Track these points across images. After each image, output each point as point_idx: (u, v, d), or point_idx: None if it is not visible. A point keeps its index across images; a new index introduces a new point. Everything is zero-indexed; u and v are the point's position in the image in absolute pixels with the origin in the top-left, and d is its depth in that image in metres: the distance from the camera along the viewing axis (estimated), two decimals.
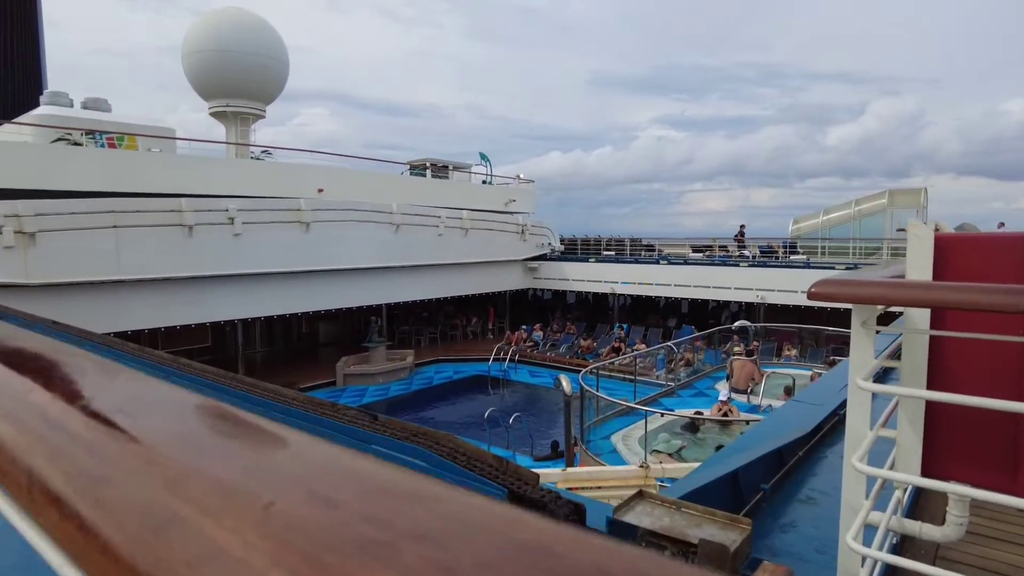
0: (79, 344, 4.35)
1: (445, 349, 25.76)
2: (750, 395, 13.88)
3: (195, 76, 22.97)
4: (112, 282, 15.26)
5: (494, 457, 2.34)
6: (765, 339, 19.98)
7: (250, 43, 22.47)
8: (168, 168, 17.89)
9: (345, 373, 20.52)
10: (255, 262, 17.96)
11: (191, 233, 16.46)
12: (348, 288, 20.96)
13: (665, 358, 16.40)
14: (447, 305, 28.88)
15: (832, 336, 19.40)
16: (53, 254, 14.23)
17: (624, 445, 10.26)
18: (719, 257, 26.63)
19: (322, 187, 20.96)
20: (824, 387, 4.44)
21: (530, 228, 28.56)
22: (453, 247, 24.53)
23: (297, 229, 18.99)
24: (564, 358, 23.07)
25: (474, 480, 2.12)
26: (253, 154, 23.41)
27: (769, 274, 22.83)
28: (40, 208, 14.05)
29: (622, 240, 30.85)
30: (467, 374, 22.41)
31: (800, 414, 3.73)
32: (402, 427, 2.61)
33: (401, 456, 2.32)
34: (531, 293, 32.00)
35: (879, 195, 25.84)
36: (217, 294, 17.47)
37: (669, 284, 25.01)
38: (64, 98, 20.32)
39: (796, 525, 2.55)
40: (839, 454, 3.36)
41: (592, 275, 27.26)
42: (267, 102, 24.60)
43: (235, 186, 18.79)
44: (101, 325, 14.71)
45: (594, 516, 2.07)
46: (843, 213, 26.75)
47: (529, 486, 2.15)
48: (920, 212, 24.83)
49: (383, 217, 21.64)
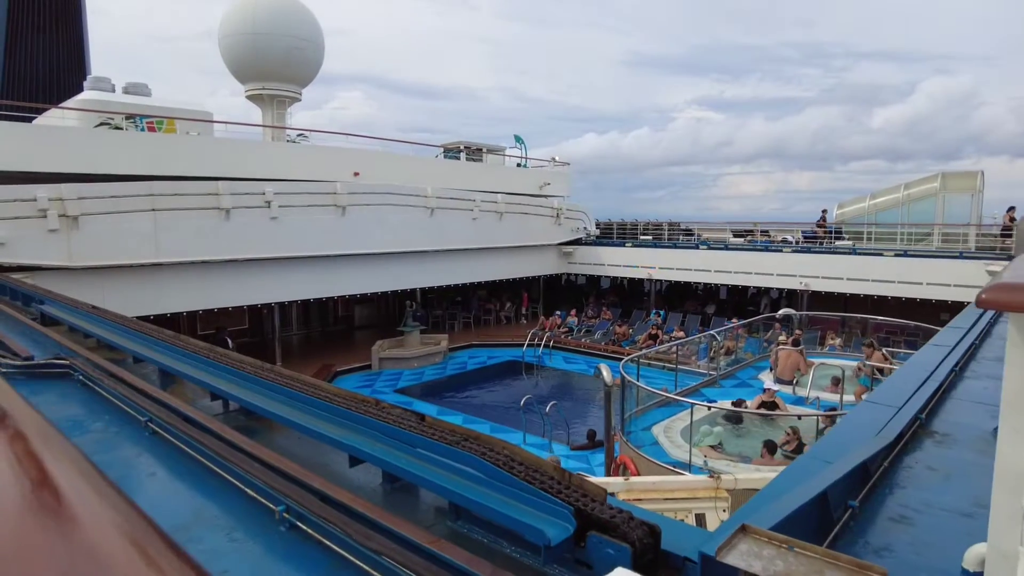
0: (115, 330, 4.21)
1: (479, 334, 25.64)
2: (796, 386, 13.39)
3: (231, 59, 23.00)
4: (151, 265, 15.41)
5: (556, 468, 2.05)
6: (808, 327, 19.33)
7: (285, 25, 22.37)
8: (205, 151, 17.96)
9: (380, 357, 20.54)
10: (291, 245, 17.99)
11: (228, 216, 16.53)
12: (383, 272, 20.93)
13: (707, 347, 15.94)
14: (480, 289, 28.72)
15: (879, 325, 18.72)
16: (95, 237, 14.41)
17: (666, 437, 9.94)
18: (761, 243, 25.88)
19: (358, 171, 20.86)
20: (899, 386, 4.09)
21: (565, 212, 28.12)
22: (487, 231, 24.28)
23: (333, 213, 18.95)
24: (599, 345, 22.72)
25: (534, 495, 1.86)
26: (289, 137, 23.41)
27: (813, 260, 22.09)
28: (83, 192, 14.22)
29: (660, 224, 30.21)
30: (501, 359, 22.25)
31: (878, 418, 3.41)
32: (451, 430, 2.35)
33: (451, 463, 2.09)
34: (565, 278, 31.62)
35: (931, 178, 24.64)
36: (254, 277, 17.56)
37: (708, 270, 24.41)
38: (107, 83, 20.52)
39: (892, 549, 2.25)
40: (926, 465, 3.04)
41: (628, 260, 26.77)
42: (303, 85, 24.54)
43: (272, 169, 18.80)
44: (141, 308, 14.91)
45: (671, 539, 1.81)
46: (891, 197, 25.61)
47: (597, 503, 1.87)
48: (976, 196, 23.64)
49: (418, 201, 21.49)
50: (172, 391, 3.64)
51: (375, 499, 2.20)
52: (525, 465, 1.98)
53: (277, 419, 2.77)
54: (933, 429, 3.53)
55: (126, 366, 4.28)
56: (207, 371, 3.51)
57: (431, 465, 2.09)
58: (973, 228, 22.59)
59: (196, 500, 2.36)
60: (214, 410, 3.33)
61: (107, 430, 3.20)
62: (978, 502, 2.64)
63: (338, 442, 2.39)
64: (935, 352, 5.06)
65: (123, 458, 2.83)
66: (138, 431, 3.10)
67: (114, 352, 4.71)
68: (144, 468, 2.71)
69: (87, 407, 3.61)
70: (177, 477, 2.59)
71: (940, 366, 4.60)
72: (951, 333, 6.04)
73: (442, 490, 1.98)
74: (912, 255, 20.53)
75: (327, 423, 2.55)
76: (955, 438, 3.41)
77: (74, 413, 3.50)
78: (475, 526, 1.98)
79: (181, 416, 3.00)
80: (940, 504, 2.59)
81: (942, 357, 4.90)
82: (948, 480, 2.86)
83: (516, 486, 1.86)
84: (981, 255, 19.52)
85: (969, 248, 21.27)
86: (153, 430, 3.03)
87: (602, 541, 1.67)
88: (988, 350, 5.93)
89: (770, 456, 9.30)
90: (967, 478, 2.89)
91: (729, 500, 4.96)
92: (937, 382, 4.18)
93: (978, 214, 23.35)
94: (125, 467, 2.73)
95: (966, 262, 19.12)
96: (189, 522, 2.18)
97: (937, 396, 4.05)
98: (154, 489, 2.53)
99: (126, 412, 3.36)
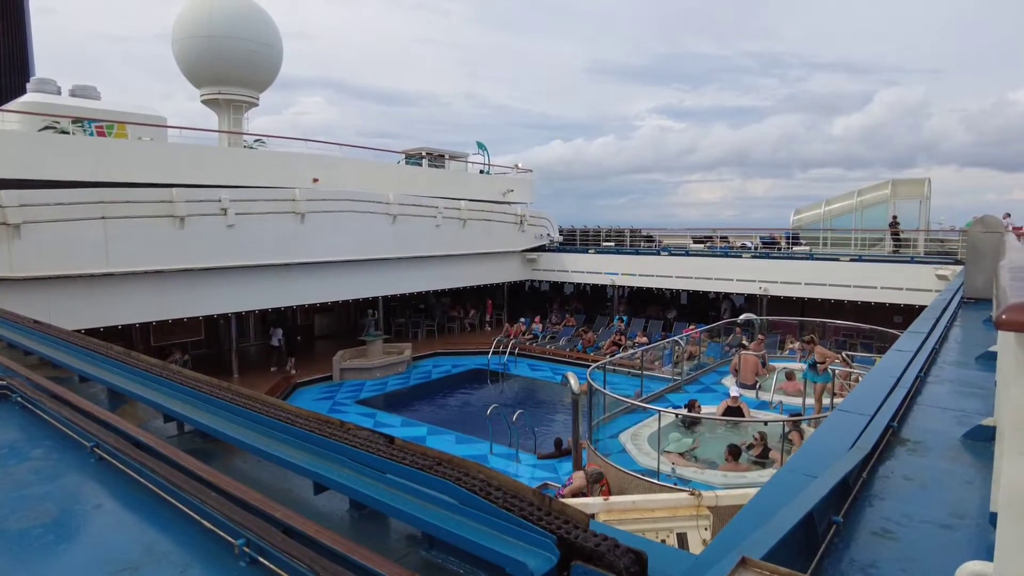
0: (59, 346, 3.94)
1: (443, 342, 25.43)
2: (758, 390, 13.58)
3: (186, 62, 22.41)
4: (101, 275, 14.81)
5: (535, 493, 1.92)
6: (769, 332, 19.70)
7: (242, 29, 21.91)
8: (158, 157, 17.39)
9: (342, 367, 20.16)
10: (249, 254, 17.54)
11: (183, 224, 16.01)
12: (345, 280, 20.57)
13: (671, 352, 16.07)
14: (444, 297, 28.52)
15: (836, 328, 19.20)
16: (39, 246, 13.79)
17: (633, 445, 9.93)
18: (721, 248, 26.32)
19: (318, 177, 20.49)
20: (870, 393, 4.10)
21: (528, 218, 28.16)
22: (450, 238, 24.12)
23: (292, 220, 18.55)
24: (564, 352, 22.74)
25: (513, 523, 1.73)
26: (246, 143, 22.88)
27: (772, 265, 22.55)
28: (25, 199, 13.59)
29: (622, 231, 30.49)
30: (466, 368, 22.08)
31: (852, 427, 3.40)
32: (423, 453, 2.20)
33: (423, 489, 1.96)
34: (529, 284, 31.64)
35: (882, 185, 25.47)
36: (210, 286, 17.05)
37: (670, 276, 24.71)
38: (51, 85, 19.77)
39: (879, 567, 2.21)
40: (902, 475, 3.03)
41: (592, 266, 26.92)
42: (260, 90, 24.05)
43: (228, 176, 18.33)
44: (90, 320, 14.33)
45: (658, 565, 1.73)
46: (845, 204, 26.37)
47: (580, 530, 1.75)
48: (923, 203, 24.52)
49: (380, 208, 21.21)
50: (121, 412, 3.41)
51: (342, 529, 2.06)
52: (503, 490, 1.86)
53: (236, 443, 2.60)
54: (905, 437, 3.54)
55: (71, 385, 4.02)
56: (160, 390, 3.30)
57: (402, 492, 1.96)
58: (922, 233, 23.40)
59: (147, 534, 2.19)
60: (167, 433, 3.12)
61: (48, 457, 2.98)
62: (955, 512, 2.63)
63: (302, 468, 2.24)
64: (899, 358, 5.13)
65: (66, 488, 2.62)
66: (83, 457, 2.89)
67: (58, 370, 4.43)
68: (90, 499, 2.51)
69: (26, 432, 3.36)
70: (126, 508, 2.40)
71: (906, 372, 4.65)
72: (911, 338, 6.14)
73: (414, 519, 1.85)
74: (867, 260, 21.12)
75: (290, 447, 2.39)
76: (927, 446, 3.43)
77: (12, 439, 3.25)
78: (451, 556, 1.86)
79: (131, 440, 2.80)
80: (920, 516, 2.57)
81: (906, 363, 4.96)
82: (925, 490, 2.85)
83: (494, 513, 1.74)
84: (932, 259, 20.17)
85: (919, 253, 21.99)
86: (100, 456, 2.82)
87: (588, 572, 1.57)
88: (947, 354, 6.05)
89: (735, 461, 9.37)
90: (942, 488, 2.89)
91: (711, 518, 4.92)
92: (905, 389, 4.22)
93: (926, 219, 24.21)
94: (68, 498, 2.53)
95: (918, 266, 19.75)
96: (139, 558, 2.01)
97: (906, 403, 4.08)
98: (100, 522, 2.34)
99: (70, 436, 3.14)
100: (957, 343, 6.87)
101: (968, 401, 4.38)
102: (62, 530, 2.27)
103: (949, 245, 22.45)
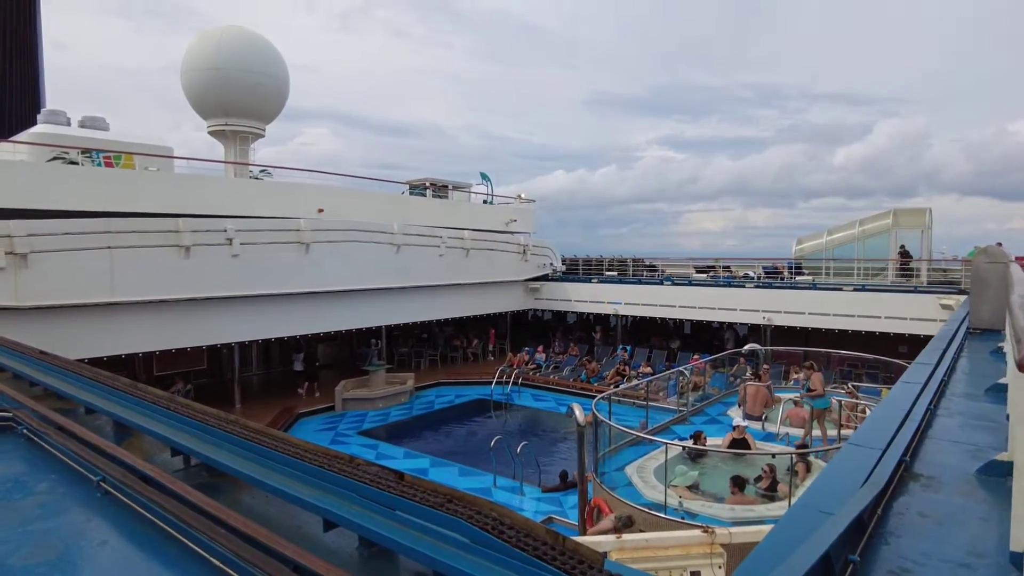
0: (65, 378, 3.93)
1: (446, 372, 25.32)
2: (765, 421, 13.46)
3: (193, 94, 22.77)
4: (106, 304, 14.85)
5: (548, 531, 1.89)
6: (773, 362, 19.59)
7: (249, 61, 22.29)
8: (165, 187, 17.56)
9: (344, 398, 20.05)
10: (253, 283, 17.59)
11: (188, 254, 16.10)
12: (349, 309, 20.59)
13: (676, 383, 15.98)
14: (447, 326, 28.48)
15: (841, 358, 19.09)
16: (45, 275, 13.85)
17: (639, 478, 9.80)
18: (723, 278, 26.32)
19: (322, 207, 20.64)
20: (880, 426, 4.06)
21: (531, 248, 28.27)
22: (454, 268, 24.20)
23: (296, 250, 18.64)
24: (568, 382, 22.62)
25: (526, 563, 1.70)
26: (252, 173, 23.11)
27: (775, 295, 22.52)
28: (32, 228, 13.70)
29: (624, 260, 30.55)
30: (469, 398, 21.95)
31: (864, 461, 3.36)
32: (433, 489, 2.17)
33: (433, 527, 1.93)
34: (531, 314, 31.62)
35: (883, 215, 25.53)
36: (214, 316, 17.07)
37: (673, 305, 24.67)
38: (61, 116, 20.05)
39: None
40: (917, 511, 2.98)
41: (595, 295, 26.92)
42: (266, 121, 24.37)
43: (234, 206, 18.47)
44: (94, 349, 14.32)
45: None
46: (847, 233, 26.40)
47: (595, 570, 1.72)
48: (925, 232, 24.55)
49: (384, 237, 21.33)
50: (128, 445, 3.39)
51: (352, 567, 2.03)
52: (515, 528, 1.84)
53: (244, 477, 2.58)
54: (918, 472, 3.50)
55: (77, 418, 4.00)
56: (167, 423, 3.29)
57: (412, 529, 1.94)
58: (924, 263, 23.39)
59: (154, 571, 2.16)
60: (174, 466, 3.10)
61: (54, 491, 2.95)
62: (974, 551, 2.59)
63: (311, 504, 2.22)
64: (908, 390, 5.09)
65: (72, 523, 2.59)
66: (89, 491, 2.86)
67: (64, 402, 4.42)
68: (95, 535, 2.48)
69: (31, 465, 3.33)
70: (133, 544, 2.37)
71: (916, 405, 4.61)
72: (919, 370, 6.10)
73: (424, 557, 1.83)
74: (870, 289, 21.08)
75: (298, 483, 2.37)
76: (940, 480, 3.38)
77: (17, 472, 3.22)
78: None
79: (138, 474, 2.78)
80: (938, 554, 2.53)
81: (915, 395, 4.92)
82: (941, 527, 2.80)
83: (506, 552, 1.72)
84: (935, 289, 20.13)
85: (922, 282, 21.95)
86: (106, 490, 2.80)
87: None
88: (956, 386, 6.01)
89: (741, 493, 9.24)
90: (959, 525, 2.84)
91: (724, 556, 4.83)
92: (915, 422, 4.18)
93: (928, 248, 24.22)
94: (74, 534, 2.50)
95: (921, 296, 19.70)
96: None
97: (917, 436, 4.04)
98: (106, 559, 2.31)
99: (76, 470, 3.11)
100: (965, 374, 6.83)
101: (980, 435, 4.33)
102: (67, 567, 2.23)
103: (952, 274, 22.42)
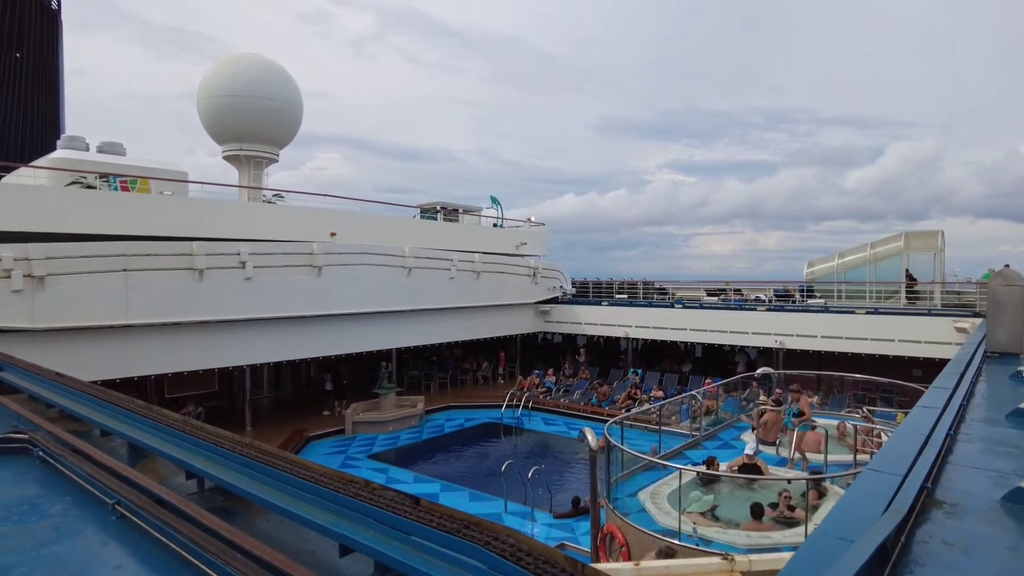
0: (80, 400, 3.95)
1: (455, 394, 25.21)
2: (779, 447, 13.27)
3: (209, 120, 23.15)
4: (120, 327, 14.97)
5: (567, 559, 1.88)
6: (786, 386, 19.37)
7: (264, 88, 22.67)
8: (179, 211, 17.78)
9: (354, 421, 20.00)
10: (266, 306, 17.70)
11: (201, 277, 16.24)
12: (360, 332, 20.64)
13: (689, 408, 15.82)
14: (457, 349, 28.45)
15: (855, 382, 18.87)
16: (61, 298, 14.00)
17: (653, 503, 9.66)
18: (735, 301, 26.19)
19: (335, 231, 20.80)
20: (900, 452, 3.99)
21: (541, 271, 28.30)
22: (464, 290, 24.25)
23: (309, 273, 18.76)
24: (579, 405, 22.45)
25: None
26: (265, 198, 23.37)
27: (787, 318, 22.36)
28: (50, 251, 13.88)
29: (634, 283, 30.49)
30: (479, 421, 21.82)
31: (884, 488, 3.29)
32: (450, 515, 2.15)
33: (450, 553, 1.91)
34: (541, 336, 31.53)
35: (895, 237, 25.41)
36: (227, 339, 17.16)
37: (684, 328, 24.54)
38: (80, 142, 20.41)
39: None
40: (941, 539, 2.92)
41: (605, 318, 26.83)
42: (280, 146, 24.71)
43: (247, 230, 18.65)
44: (108, 371, 14.40)
45: None
46: (859, 256, 26.27)
47: None
48: (937, 255, 24.38)
49: (395, 261, 21.44)
50: (143, 468, 3.39)
51: None
52: (534, 555, 1.81)
53: (259, 501, 2.56)
54: (940, 499, 3.43)
55: (92, 440, 4.01)
56: (182, 446, 3.28)
57: (429, 555, 1.91)
58: (938, 285, 23.18)
59: None
60: (188, 489, 3.09)
61: (68, 513, 2.95)
62: None
63: (327, 529, 2.20)
64: (927, 414, 5.01)
65: (87, 546, 2.59)
66: (104, 514, 2.85)
67: (79, 424, 4.43)
68: (110, 558, 2.47)
69: (47, 487, 3.34)
70: (148, 569, 2.36)
71: (935, 429, 4.53)
72: (937, 394, 6.01)
73: None
74: (883, 312, 20.89)
75: (314, 507, 2.35)
76: (964, 508, 3.31)
77: (32, 494, 3.23)
78: None
79: (153, 497, 2.77)
80: None
81: (935, 419, 4.84)
82: (967, 556, 2.74)
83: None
84: (949, 312, 19.92)
85: (935, 305, 21.74)
86: (121, 513, 2.79)
87: None
88: (976, 411, 5.92)
89: (758, 521, 9.08)
90: (985, 554, 2.77)
91: None
92: (936, 447, 4.11)
93: (941, 271, 24.02)
94: (89, 557, 2.49)
95: (935, 319, 19.49)
96: None
97: (938, 462, 3.96)
98: None
99: (91, 493, 3.11)
100: (984, 399, 6.72)
101: (1002, 461, 4.25)
102: None
103: (966, 297, 22.20)
